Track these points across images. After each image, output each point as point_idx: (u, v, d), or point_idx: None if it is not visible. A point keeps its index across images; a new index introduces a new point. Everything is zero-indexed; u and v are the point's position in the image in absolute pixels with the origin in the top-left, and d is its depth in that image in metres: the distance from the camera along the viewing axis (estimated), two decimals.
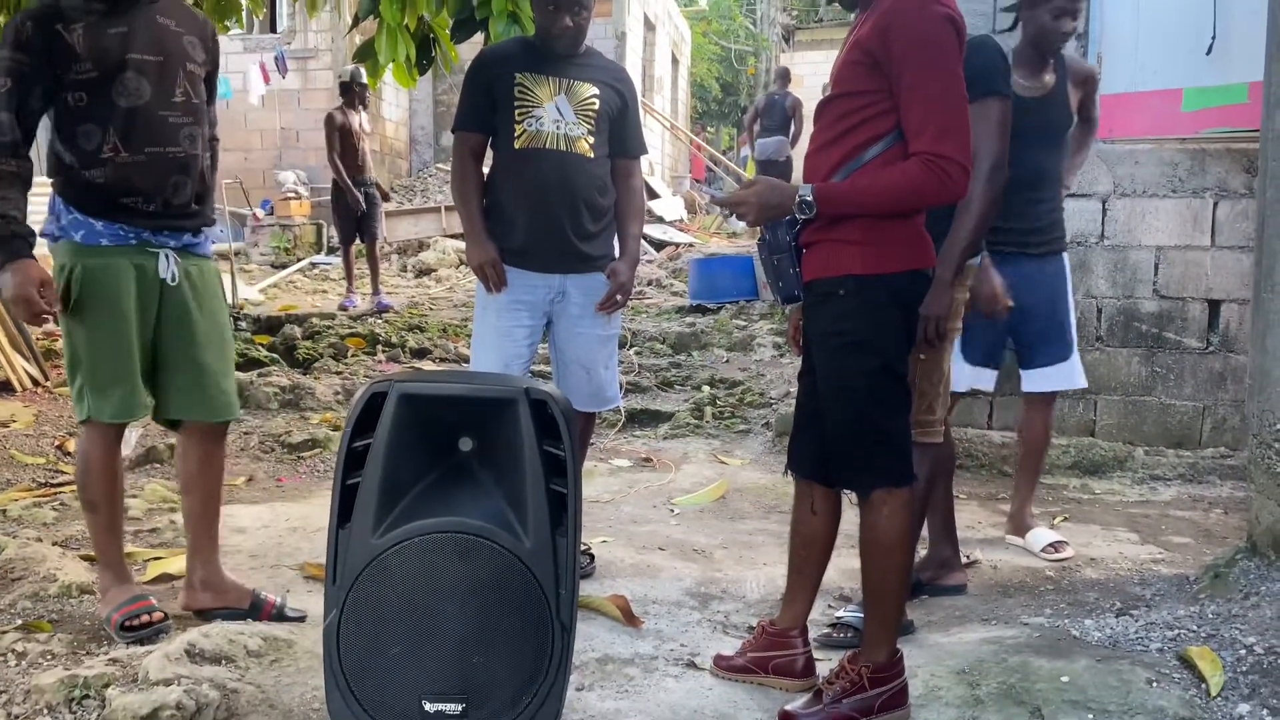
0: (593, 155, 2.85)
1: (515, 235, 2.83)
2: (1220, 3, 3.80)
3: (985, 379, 3.14)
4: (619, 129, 2.93)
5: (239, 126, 12.35)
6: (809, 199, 1.91)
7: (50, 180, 2.33)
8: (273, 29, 11.83)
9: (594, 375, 2.94)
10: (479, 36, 4.27)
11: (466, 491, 1.84)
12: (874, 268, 1.93)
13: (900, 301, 1.97)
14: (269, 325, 7.15)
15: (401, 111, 14.19)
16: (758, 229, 2.11)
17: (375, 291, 7.83)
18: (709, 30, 23.40)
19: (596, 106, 2.85)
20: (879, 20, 1.87)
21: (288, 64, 11.45)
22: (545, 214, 2.80)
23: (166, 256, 2.34)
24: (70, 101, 2.23)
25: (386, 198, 8.63)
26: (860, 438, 1.98)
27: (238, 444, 4.41)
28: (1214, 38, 3.80)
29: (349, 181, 7.59)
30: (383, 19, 4.30)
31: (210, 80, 2.46)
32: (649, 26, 16.16)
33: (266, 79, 11.37)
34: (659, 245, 11.15)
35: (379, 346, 6.53)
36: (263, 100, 11.53)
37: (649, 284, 9.12)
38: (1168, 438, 4.17)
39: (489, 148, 2.94)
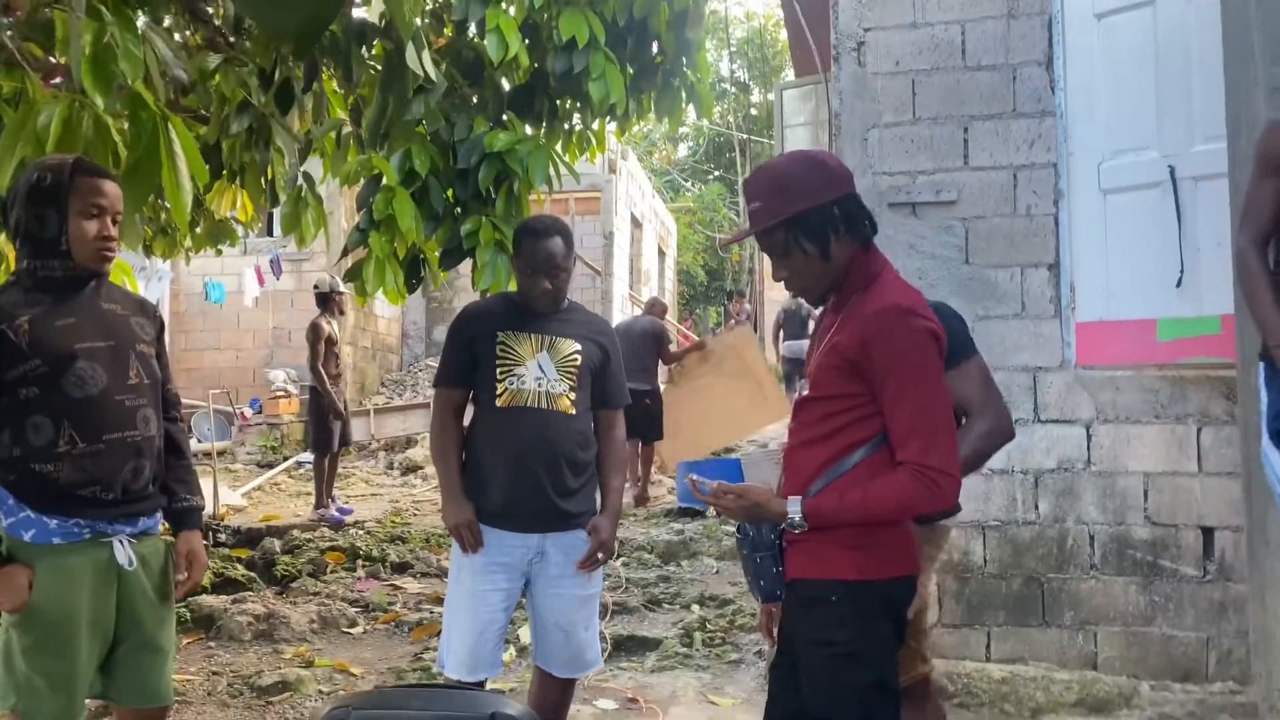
0: (574, 411, 2.83)
1: (493, 495, 2.78)
2: (1185, 239, 3.91)
3: None
4: (601, 382, 2.94)
5: (231, 326, 12.53)
6: (798, 519, 1.86)
7: None
8: (270, 232, 12.17)
9: (573, 638, 2.82)
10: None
11: None
12: (866, 574, 1.86)
13: (892, 610, 1.89)
14: (249, 538, 7.02)
15: (395, 308, 14.44)
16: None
17: (331, 500, 7.71)
18: (695, 221, 24.26)
19: (579, 362, 2.86)
20: (860, 330, 1.86)
21: (282, 266, 11.75)
22: (525, 473, 2.76)
23: (122, 543, 2.26)
24: (21, 396, 2.18)
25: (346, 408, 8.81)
26: None
27: (204, 686, 4.21)
28: (1182, 271, 3.89)
29: (332, 393, 7.59)
30: (371, 250, 4.39)
31: (160, 358, 2.44)
32: (635, 224, 16.72)
33: (261, 281, 11.63)
34: None
35: (359, 561, 6.39)
36: (256, 301, 11.76)
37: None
38: (1173, 671, 4.00)
39: (471, 402, 2.93)
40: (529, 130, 4.78)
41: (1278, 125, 2.69)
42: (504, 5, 4.38)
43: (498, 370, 2.79)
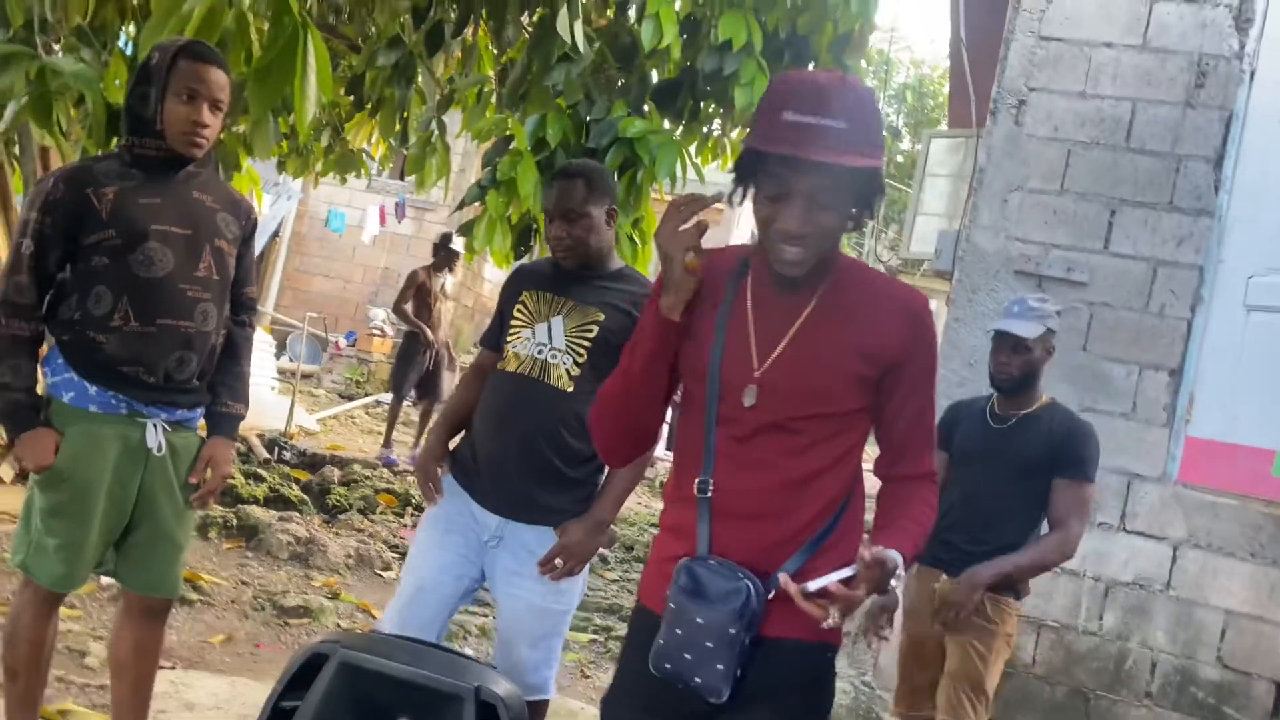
0: (571, 389, 2.42)
1: (474, 458, 2.52)
2: None
3: None
4: None
5: (345, 258, 12.83)
6: (901, 570, 1.48)
7: (50, 331, 2.26)
8: (401, 176, 12.42)
9: (514, 649, 2.42)
10: None
11: None
12: (839, 638, 1.58)
13: None
14: (311, 461, 7.13)
15: (501, 273, 14.60)
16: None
17: (388, 444, 7.74)
18: None
19: (593, 333, 2.44)
20: (902, 332, 1.55)
21: (407, 211, 11.97)
22: (499, 444, 2.46)
23: (155, 426, 2.25)
24: (93, 263, 2.19)
25: (452, 362, 8.67)
26: None
27: (230, 594, 4.26)
28: None
29: (427, 331, 7.67)
30: (487, 208, 4.40)
31: (242, 259, 2.40)
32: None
33: (383, 220, 11.87)
34: None
35: (409, 509, 6.42)
36: (374, 239, 12.01)
37: None
38: None
39: None
40: (666, 125, 4.73)
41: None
42: None
43: (509, 332, 2.52)
